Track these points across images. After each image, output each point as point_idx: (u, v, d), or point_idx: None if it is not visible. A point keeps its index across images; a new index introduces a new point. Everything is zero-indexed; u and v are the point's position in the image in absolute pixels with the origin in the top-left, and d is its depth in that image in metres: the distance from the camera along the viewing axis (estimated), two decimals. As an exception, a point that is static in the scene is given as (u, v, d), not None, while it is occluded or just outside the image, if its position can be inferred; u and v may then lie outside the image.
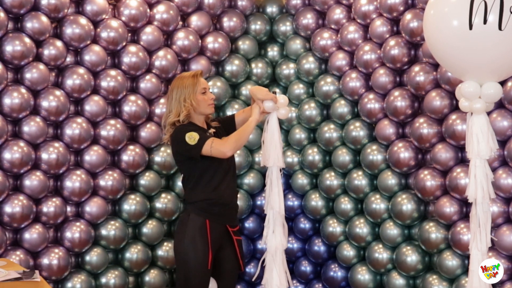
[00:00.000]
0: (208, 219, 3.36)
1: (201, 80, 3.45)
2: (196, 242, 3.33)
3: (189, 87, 3.40)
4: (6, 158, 4.22)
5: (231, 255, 3.49)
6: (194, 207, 3.39)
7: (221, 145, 3.33)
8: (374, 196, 4.69)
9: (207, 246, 3.34)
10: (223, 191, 3.41)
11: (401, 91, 4.56)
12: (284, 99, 3.63)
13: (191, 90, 3.40)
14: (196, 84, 3.41)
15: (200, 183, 3.40)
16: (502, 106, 4.16)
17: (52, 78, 4.48)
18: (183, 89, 3.40)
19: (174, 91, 3.42)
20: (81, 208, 4.54)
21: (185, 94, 3.39)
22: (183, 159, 3.41)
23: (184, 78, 3.44)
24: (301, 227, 5.03)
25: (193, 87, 3.40)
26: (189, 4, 4.87)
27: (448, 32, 3.12)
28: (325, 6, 4.98)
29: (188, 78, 3.43)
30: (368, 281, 4.71)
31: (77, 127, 4.48)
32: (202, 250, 3.33)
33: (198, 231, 3.34)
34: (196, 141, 3.31)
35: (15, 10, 4.30)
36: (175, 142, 3.38)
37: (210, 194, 3.38)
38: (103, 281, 4.56)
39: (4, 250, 4.20)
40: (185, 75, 3.47)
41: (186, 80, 3.43)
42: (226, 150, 3.33)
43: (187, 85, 3.40)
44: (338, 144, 4.88)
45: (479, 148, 3.19)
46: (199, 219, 3.36)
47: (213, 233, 3.37)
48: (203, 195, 3.38)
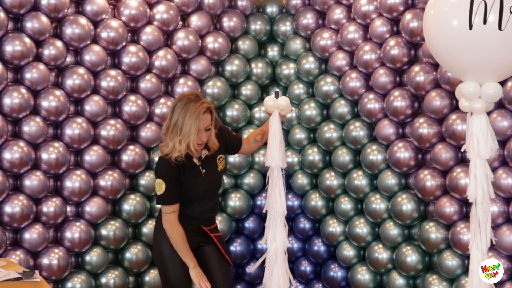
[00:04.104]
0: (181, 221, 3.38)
1: (206, 117, 3.25)
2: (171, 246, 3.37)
3: (192, 127, 3.20)
4: (6, 158, 4.22)
5: (214, 252, 3.49)
6: None
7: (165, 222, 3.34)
8: (374, 196, 4.69)
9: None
10: (196, 214, 3.43)
11: (401, 91, 4.56)
12: (286, 101, 3.66)
13: (194, 138, 3.21)
14: (198, 128, 3.23)
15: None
16: (502, 106, 4.16)
17: (52, 78, 4.48)
18: (184, 129, 3.20)
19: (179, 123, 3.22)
20: (81, 208, 4.54)
21: (186, 136, 3.22)
22: None
23: (192, 114, 3.20)
24: (301, 227, 5.03)
25: (195, 133, 3.21)
26: (189, 4, 4.87)
27: (448, 32, 3.11)
28: (325, 6, 4.98)
29: (194, 112, 3.20)
30: (368, 281, 4.71)
31: (77, 127, 4.48)
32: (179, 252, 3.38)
33: None
34: (159, 193, 3.31)
35: (15, 10, 4.30)
36: (154, 172, 3.42)
37: (180, 216, 3.38)
38: (103, 281, 4.56)
39: (4, 250, 4.20)
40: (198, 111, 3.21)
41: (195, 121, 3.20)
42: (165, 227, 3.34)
43: (192, 126, 3.20)
44: (338, 144, 4.88)
45: (479, 148, 3.19)
46: None
47: (188, 234, 3.38)
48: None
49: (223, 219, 4.85)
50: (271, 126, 3.66)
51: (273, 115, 3.66)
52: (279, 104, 3.66)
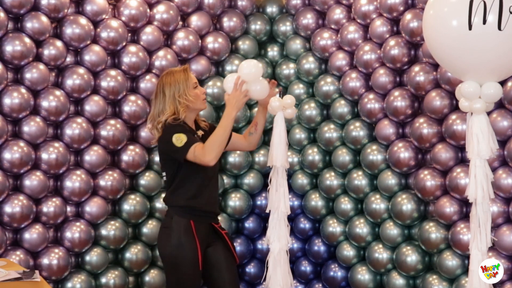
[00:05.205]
0: (192, 220, 3.25)
1: (191, 75, 3.32)
2: (183, 244, 3.21)
3: (182, 82, 3.24)
4: (6, 158, 4.22)
5: (223, 250, 3.36)
6: (176, 210, 3.28)
7: (202, 155, 3.15)
8: (374, 196, 4.69)
9: (195, 246, 3.22)
10: (203, 199, 3.29)
11: (401, 91, 4.56)
12: (291, 99, 3.65)
13: (185, 85, 3.25)
14: (188, 79, 3.28)
15: (181, 187, 3.26)
16: (502, 106, 4.16)
17: (52, 78, 4.48)
18: (176, 85, 3.25)
19: (167, 88, 3.25)
20: (81, 208, 4.54)
21: (179, 90, 3.24)
22: (167, 159, 3.28)
23: (175, 73, 3.27)
24: (301, 227, 5.03)
25: (186, 82, 3.26)
26: (189, 4, 4.87)
27: (447, 32, 3.11)
28: (325, 6, 4.98)
29: (179, 73, 3.29)
30: (368, 281, 4.71)
31: (77, 127, 4.48)
32: (191, 251, 3.22)
33: (184, 232, 3.22)
34: (183, 143, 3.15)
35: (15, 10, 4.30)
36: (162, 142, 3.24)
37: (190, 201, 3.25)
38: (103, 281, 4.56)
39: (4, 250, 4.20)
40: (174, 70, 3.30)
41: (177, 75, 3.27)
42: (208, 160, 3.15)
43: (180, 80, 3.26)
44: (338, 144, 4.88)
45: (479, 148, 3.19)
46: (183, 220, 3.23)
47: (199, 232, 3.25)
48: (183, 202, 3.26)
49: (223, 219, 4.85)
50: (276, 127, 3.64)
51: (278, 116, 3.64)
52: (285, 103, 3.64)
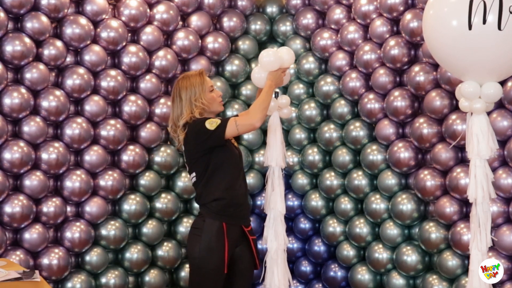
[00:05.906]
0: (225, 222, 3.24)
1: (207, 78, 3.35)
2: (212, 247, 3.20)
3: (198, 86, 3.28)
4: (6, 158, 4.22)
5: (247, 255, 3.37)
6: (208, 211, 3.25)
7: (247, 119, 3.21)
8: (374, 196, 4.69)
9: (223, 250, 3.22)
10: (236, 190, 3.29)
11: (401, 91, 4.56)
12: (286, 99, 3.67)
13: (201, 89, 3.29)
14: (204, 83, 3.31)
15: (213, 179, 3.24)
16: (502, 106, 4.16)
17: (52, 78, 4.48)
18: (192, 89, 3.28)
19: (183, 92, 3.29)
20: (81, 208, 4.54)
21: (195, 94, 3.27)
22: (200, 155, 3.24)
23: (191, 77, 3.32)
24: (301, 227, 5.03)
25: (202, 85, 3.29)
26: (189, 4, 4.87)
27: (447, 32, 3.11)
28: (325, 6, 4.98)
29: (194, 77, 3.32)
30: (368, 281, 4.71)
31: (77, 127, 4.48)
32: (219, 255, 3.21)
33: (215, 235, 3.21)
34: (218, 124, 3.18)
35: (15, 10, 4.30)
36: (194, 135, 3.21)
37: (223, 193, 3.24)
38: (103, 281, 4.56)
39: (4, 250, 4.20)
40: (190, 74, 3.35)
41: (193, 79, 3.31)
42: (255, 121, 3.20)
43: (195, 84, 3.29)
44: (338, 144, 4.88)
45: (479, 148, 3.19)
46: (215, 223, 3.22)
47: (230, 236, 3.25)
48: (217, 193, 3.23)
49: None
50: (271, 126, 3.66)
51: (273, 116, 3.67)
52: (280, 103, 3.66)
